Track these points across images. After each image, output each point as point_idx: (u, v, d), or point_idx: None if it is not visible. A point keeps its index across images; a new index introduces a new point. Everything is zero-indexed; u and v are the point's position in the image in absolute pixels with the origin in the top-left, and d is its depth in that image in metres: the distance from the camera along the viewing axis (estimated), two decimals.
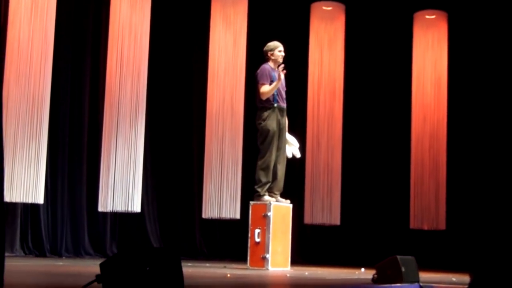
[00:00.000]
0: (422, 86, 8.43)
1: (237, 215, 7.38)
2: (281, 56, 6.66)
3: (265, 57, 6.70)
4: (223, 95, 7.48)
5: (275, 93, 6.51)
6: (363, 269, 6.48)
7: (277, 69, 6.49)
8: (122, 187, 6.94)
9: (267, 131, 6.50)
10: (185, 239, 8.60)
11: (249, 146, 7.61)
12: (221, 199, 7.33)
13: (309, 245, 9.03)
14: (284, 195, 6.73)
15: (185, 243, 8.54)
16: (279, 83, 6.45)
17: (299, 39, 8.52)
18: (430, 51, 8.47)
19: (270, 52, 6.67)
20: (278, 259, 6.34)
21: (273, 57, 6.65)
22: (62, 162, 7.63)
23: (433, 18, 8.49)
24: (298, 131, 7.69)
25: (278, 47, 6.68)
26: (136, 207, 7.02)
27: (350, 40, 8.54)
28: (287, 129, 6.73)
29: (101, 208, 7.03)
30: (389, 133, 9.12)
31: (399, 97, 8.88)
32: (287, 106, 6.69)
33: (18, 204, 7.04)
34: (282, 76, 6.44)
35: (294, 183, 8.19)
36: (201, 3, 8.29)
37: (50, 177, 7.34)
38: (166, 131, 8.65)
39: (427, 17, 8.51)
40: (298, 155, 6.86)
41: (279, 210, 6.43)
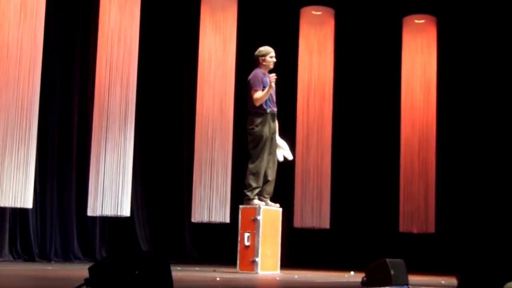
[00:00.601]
0: (412, 90, 8.46)
1: (226, 219, 7.37)
2: (273, 62, 6.66)
3: (256, 62, 6.69)
4: (213, 100, 7.47)
5: (267, 98, 6.52)
6: (352, 272, 6.51)
7: (268, 75, 6.49)
8: (111, 191, 6.91)
9: (260, 136, 6.50)
10: (174, 243, 8.59)
11: (239, 150, 7.61)
12: (210, 203, 7.31)
13: (298, 248, 9.05)
14: (274, 199, 6.74)
15: (174, 247, 8.53)
16: (271, 89, 6.45)
17: (289, 44, 8.53)
18: (419, 55, 8.50)
19: (262, 58, 6.65)
20: (268, 263, 6.35)
21: (265, 63, 6.65)
22: (51, 166, 7.61)
23: (422, 22, 8.53)
24: (288, 134, 7.70)
25: (270, 52, 6.67)
26: (126, 211, 7.00)
27: (340, 45, 8.56)
28: (277, 132, 6.74)
29: (90, 213, 6.99)
30: (378, 136, 9.16)
31: (388, 101, 8.91)
32: (277, 110, 6.70)
33: (6, 209, 6.99)
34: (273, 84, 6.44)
35: (284, 187, 8.19)
36: (190, 7, 8.29)
37: (39, 181, 7.30)
38: (155, 135, 8.64)
39: (416, 21, 8.54)
40: (290, 157, 6.86)
41: (268, 214, 6.44)
